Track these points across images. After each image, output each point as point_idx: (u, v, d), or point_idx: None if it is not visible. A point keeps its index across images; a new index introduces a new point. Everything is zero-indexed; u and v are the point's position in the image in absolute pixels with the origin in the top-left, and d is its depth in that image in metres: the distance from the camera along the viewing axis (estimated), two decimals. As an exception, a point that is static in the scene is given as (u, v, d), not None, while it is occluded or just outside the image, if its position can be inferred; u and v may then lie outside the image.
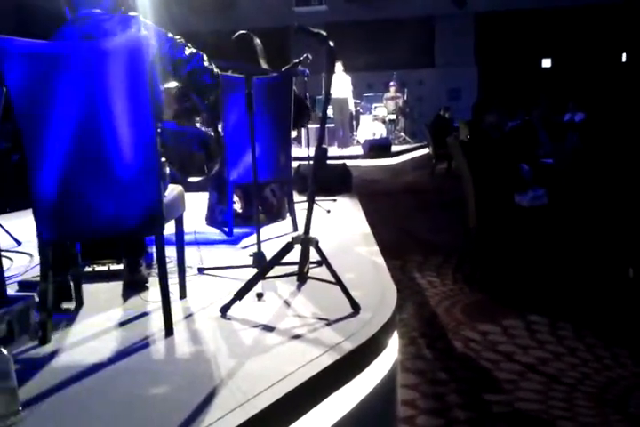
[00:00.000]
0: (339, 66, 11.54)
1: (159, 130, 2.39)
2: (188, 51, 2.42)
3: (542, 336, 3.04)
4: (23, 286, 2.57)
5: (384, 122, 13.49)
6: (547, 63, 16.49)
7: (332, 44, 2.31)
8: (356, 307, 2.18)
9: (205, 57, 2.49)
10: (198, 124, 3.32)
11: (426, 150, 12.00)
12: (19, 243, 3.47)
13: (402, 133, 14.01)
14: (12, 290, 2.44)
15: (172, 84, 2.76)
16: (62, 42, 2.24)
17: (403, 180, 9.53)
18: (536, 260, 3.84)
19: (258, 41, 3.99)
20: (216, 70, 2.52)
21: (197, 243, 3.27)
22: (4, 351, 1.44)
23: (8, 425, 1.45)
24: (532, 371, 2.66)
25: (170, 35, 2.41)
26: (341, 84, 11.74)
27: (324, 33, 2.36)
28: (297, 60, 4.12)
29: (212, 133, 3.13)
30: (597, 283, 3.73)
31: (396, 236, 5.42)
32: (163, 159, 2.36)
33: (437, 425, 2.27)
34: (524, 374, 2.63)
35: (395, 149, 12.08)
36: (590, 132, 6.96)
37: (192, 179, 2.78)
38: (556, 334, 3.06)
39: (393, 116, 13.73)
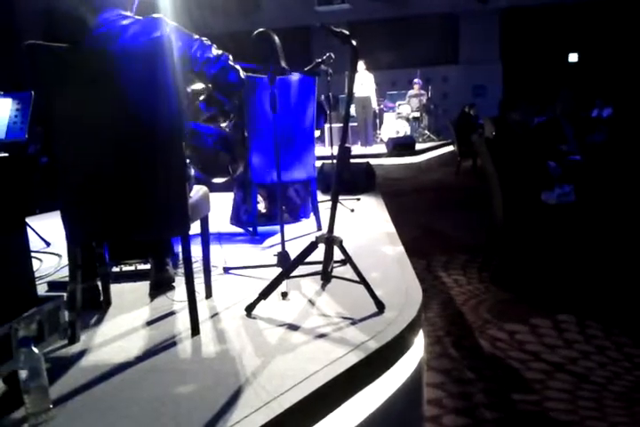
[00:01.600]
0: (360, 64, 11.52)
1: (184, 131, 2.42)
2: (214, 51, 2.44)
3: (570, 335, 3.00)
4: (52, 286, 2.62)
5: (408, 120, 13.42)
6: (573, 58, 16.21)
7: (354, 42, 2.31)
8: (380, 306, 2.17)
9: (231, 57, 2.50)
10: (223, 125, 3.34)
11: (450, 148, 11.91)
12: (48, 244, 3.53)
13: (426, 131, 13.92)
14: (41, 290, 2.49)
15: (199, 86, 2.78)
16: (88, 45, 2.27)
17: (427, 178, 9.48)
18: (564, 258, 3.78)
19: (277, 39, 3.97)
20: (241, 70, 2.54)
21: (222, 242, 3.29)
22: (35, 350, 1.47)
23: (40, 422, 1.48)
24: (561, 370, 2.63)
25: (196, 36, 2.43)
26: (364, 82, 11.72)
27: (347, 32, 2.36)
28: (319, 60, 4.12)
29: (237, 135, 3.14)
30: (626, 281, 3.66)
31: (421, 234, 5.40)
32: (187, 160, 2.38)
33: (464, 425, 2.25)
34: (552, 374, 2.60)
35: (419, 146, 12.01)
36: (618, 128, 6.84)
37: (216, 180, 2.80)
38: (584, 332, 3.02)
39: (417, 114, 13.65)
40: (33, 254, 2.51)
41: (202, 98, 2.74)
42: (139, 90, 1.94)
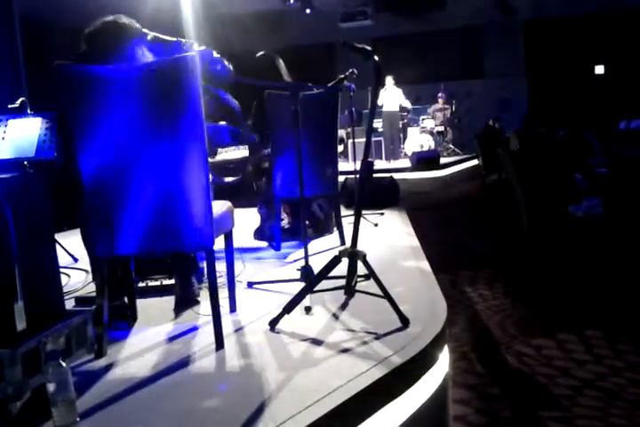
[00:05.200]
0: (389, 80, 11.60)
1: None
2: (196, 47, 2.56)
3: (600, 351, 2.94)
4: (80, 301, 2.65)
5: (432, 134, 13.41)
6: (600, 70, 16.04)
7: (377, 58, 2.33)
8: (404, 321, 2.16)
9: (214, 52, 2.62)
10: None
11: (475, 162, 11.84)
12: (75, 260, 3.58)
13: (450, 145, 13.88)
14: (69, 305, 2.53)
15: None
16: (114, 65, 2.32)
17: (452, 192, 9.42)
18: (591, 271, 3.72)
19: (281, 60, 4.01)
20: (225, 61, 2.65)
21: (245, 257, 3.31)
22: (63, 364, 1.50)
23: (66, 436, 1.50)
24: (590, 387, 2.57)
25: (174, 39, 2.53)
26: (392, 97, 11.77)
27: (369, 48, 2.38)
28: (342, 76, 4.16)
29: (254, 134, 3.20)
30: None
31: (446, 248, 5.35)
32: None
33: (491, 442, 2.22)
34: (581, 390, 2.54)
35: (443, 160, 11.96)
36: (647, 140, 6.74)
37: (228, 179, 2.84)
38: (614, 348, 2.96)
39: (441, 128, 13.63)
40: (61, 270, 2.55)
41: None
42: (163, 106, 1.98)
